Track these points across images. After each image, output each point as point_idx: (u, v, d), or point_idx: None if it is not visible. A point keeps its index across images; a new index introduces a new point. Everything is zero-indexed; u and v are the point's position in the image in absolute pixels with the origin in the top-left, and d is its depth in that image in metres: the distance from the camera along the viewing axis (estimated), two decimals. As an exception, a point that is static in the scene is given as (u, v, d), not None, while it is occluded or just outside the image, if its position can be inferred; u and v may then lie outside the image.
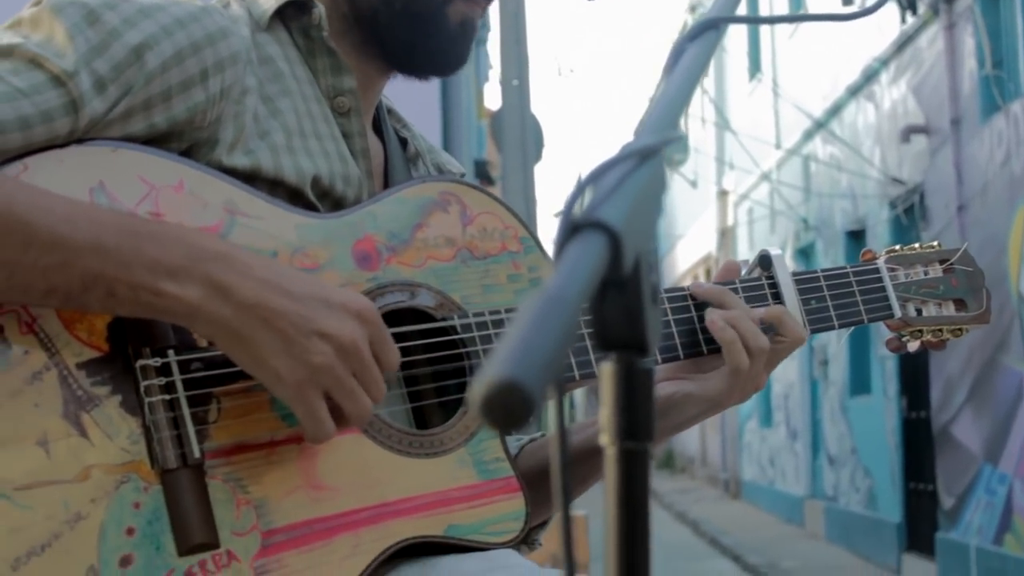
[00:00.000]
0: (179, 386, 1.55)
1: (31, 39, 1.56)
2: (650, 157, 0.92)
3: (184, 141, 1.64)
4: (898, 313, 2.07)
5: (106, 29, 1.58)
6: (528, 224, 1.82)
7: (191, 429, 1.55)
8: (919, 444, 12.86)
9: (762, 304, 1.95)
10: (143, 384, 1.54)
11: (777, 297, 1.96)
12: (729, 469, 23.73)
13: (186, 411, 1.55)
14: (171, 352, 1.55)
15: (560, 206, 0.85)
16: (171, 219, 1.57)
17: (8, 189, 1.45)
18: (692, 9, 23.52)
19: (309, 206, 1.72)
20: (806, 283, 1.99)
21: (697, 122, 24.70)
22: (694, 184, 25.53)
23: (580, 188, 0.85)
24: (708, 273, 26.05)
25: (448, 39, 1.82)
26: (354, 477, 1.65)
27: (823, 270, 2.03)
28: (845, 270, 2.04)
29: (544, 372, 0.68)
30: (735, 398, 1.89)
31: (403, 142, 2.00)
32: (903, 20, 12.87)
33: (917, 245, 2.15)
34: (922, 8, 12.39)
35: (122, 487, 1.52)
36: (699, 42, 1.24)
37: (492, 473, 1.77)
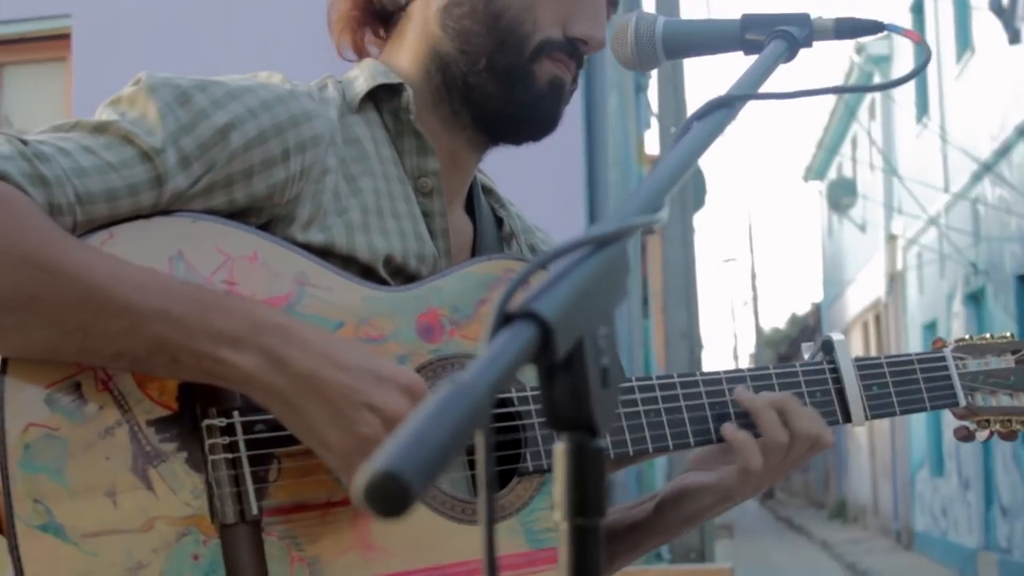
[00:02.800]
0: (241, 446, 1.64)
1: (126, 116, 1.67)
2: (607, 244, 0.96)
3: (263, 216, 1.73)
4: (963, 402, 2.07)
5: (195, 110, 1.68)
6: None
7: (251, 487, 1.63)
8: (1093, 495, 12.43)
9: (822, 388, 1.98)
10: (208, 442, 1.62)
11: (838, 382, 1.98)
12: (901, 519, 23.21)
13: (247, 470, 1.63)
14: (236, 413, 1.64)
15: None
16: (244, 288, 1.67)
17: (88, 259, 1.56)
18: (859, 51, 23.24)
19: (382, 282, 1.79)
20: (868, 369, 2.02)
21: (865, 168, 24.37)
22: (863, 228, 25.16)
23: (521, 277, 0.89)
24: (877, 319, 25.60)
25: (536, 96, 1.85)
26: (406, 540, 1.71)
27: (887, 357, 2.05)
28: (910, 358, 2.06)
29: (429, 464, 0.72)
30: (748, 492, 1.90)
31: (499, 221, 2.05)
32: (1070, 60, 12.58)
33: (988, 335, 2.15)
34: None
35: (183, 539, 1.60)
36: (706, 121, 1.27)
37: (542, 543, 1.81)
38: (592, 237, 0.96)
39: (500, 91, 1.85)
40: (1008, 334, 2.15)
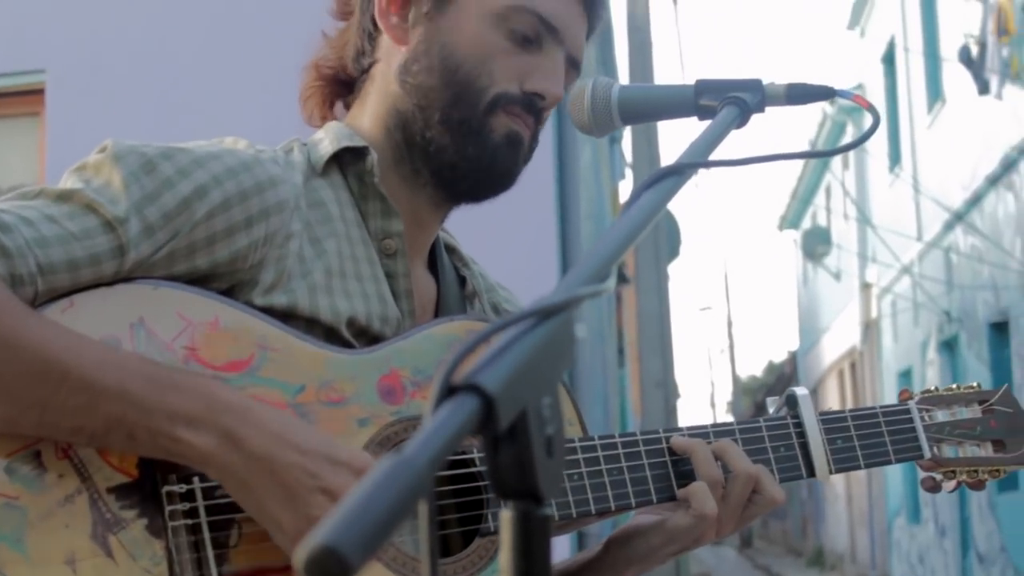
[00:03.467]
0: (202, 512, 1.65)
1: (91, 184, 1.68)
2: (552, 315, 0.98)
3: (225, 281, 1.75)
4: (927, 454, 2.08)
5: (160, 179, 1.69)
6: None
7: (210, 553, 1.64)
8: (1068, 543, 12.47)
9: (786, 442, 1.99)
10: (168, 509, 1.63)
11: (802, 436, 2.00)
12: (879, 567, 23.19)
13: (207, 536, 1.64)
14: (196, 479, 1.65)
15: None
16: (205, 353, 1.68)
17: (48, 334, 1.58)
18: (832, 102, 23.38)
19: (345, 344, 1.80)
20: (833, 423, 2.03)
21: (839, 217, 24.51)
22: (837, 277, 25.28)
23: (465, 350, 0.91)
24: (853, 367, 25.67)
25: (491, 149, 1.86)
26: None
27: (851, 410, 2.06)
28: (875, 410, 2.08)
29: (369, 538, 0.74)
30: (692, 539, 1.90)
31: (462, 280, 2.07)
32: (1038, 110, 12.70)
33: (955, 385, 2.16)
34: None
35: None
36: (655, 189, 1.30)
37: None
38: (537, 309, 0.98)
39: (454, 144, 1.86)
40: (975, 384, 2.17)
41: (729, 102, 1.60)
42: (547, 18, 1.86)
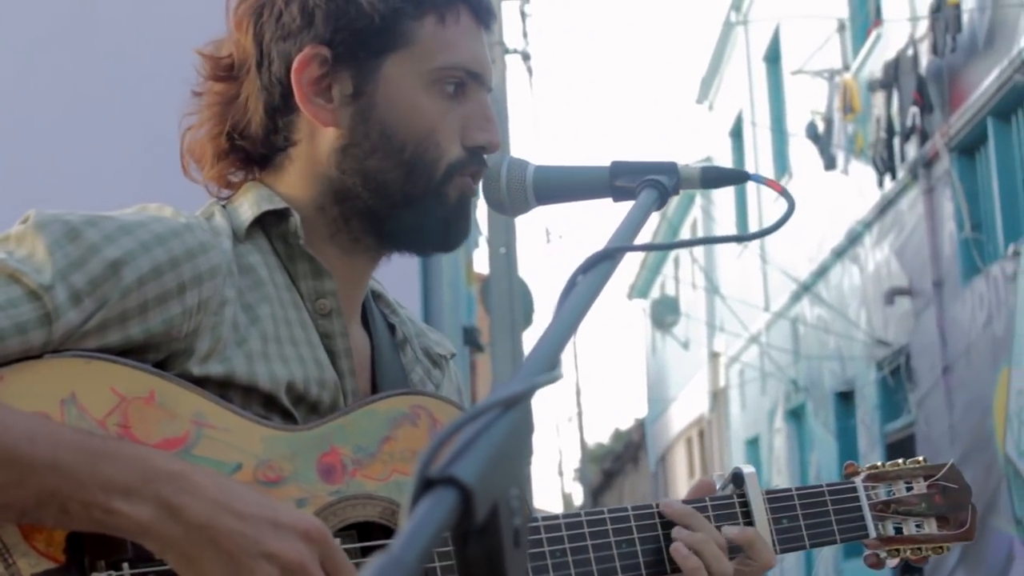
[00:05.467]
0: None
1: (14, 255, 1.63)
2: (514, 405, 0.98)
3: (161, 352, 1.69)
4: (873, 533, 2.07)
5: (85, 245, 1.64)
6: None
7: None
8: (914, 608, 12.72)
9: (731, 522, 1.97)
10: None
11: (747, 515, 1.97)
12: (727, 634, 23.41)
13: None
14: (126, 565, 1.59)
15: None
16: (138, 431, 1.62)
17: None
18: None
19: (284, 411, 1.76)
20: (779, 502, 2.01)
21: (687, 287, 24.93)
22: (686, 346, 25.64)
23: (438, 443, 0.90)
24: (701, 435, 26.01)
25: (451, 215, 1.86)
26: None
27: (798, 488, 2.04)
28: (821, 489, 2.06)
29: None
30: None
31: (392, 328, 2.03)
32: (880, 184, 13.08)
33: (901, 461, 2.15)
34: (901, 172, 12.61)
35: None
36: (591, 274, 1.30)
37: None
38: (500, 400, 0.98)
39: (415, 217, 1.85)
40: (921, 459, 2.15)
41: (647, 185, 1.61)
42: (471, 68, 1.86)
